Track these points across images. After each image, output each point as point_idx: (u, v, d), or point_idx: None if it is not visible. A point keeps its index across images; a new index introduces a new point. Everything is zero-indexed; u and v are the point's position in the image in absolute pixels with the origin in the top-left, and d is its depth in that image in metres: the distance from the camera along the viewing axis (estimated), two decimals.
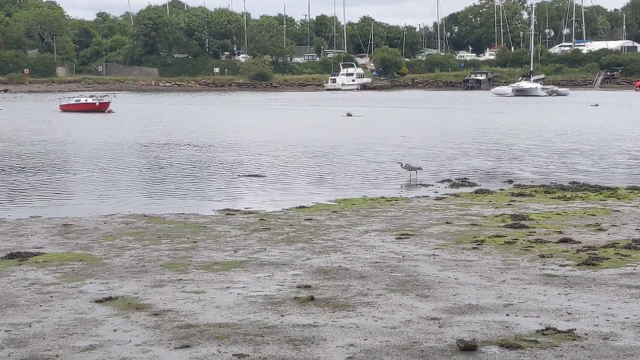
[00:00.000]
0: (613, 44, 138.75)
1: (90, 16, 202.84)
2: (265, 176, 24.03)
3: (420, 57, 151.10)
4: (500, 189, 20.77)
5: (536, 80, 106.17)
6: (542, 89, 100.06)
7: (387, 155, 30.11)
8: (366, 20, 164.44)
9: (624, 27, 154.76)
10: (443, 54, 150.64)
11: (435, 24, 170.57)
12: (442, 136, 39.94)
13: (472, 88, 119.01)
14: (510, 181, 22.68)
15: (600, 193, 19.50)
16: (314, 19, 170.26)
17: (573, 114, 61.27)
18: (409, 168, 23.44)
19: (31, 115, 59.44)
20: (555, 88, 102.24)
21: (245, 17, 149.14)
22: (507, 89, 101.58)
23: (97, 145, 35.02)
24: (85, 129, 45.69)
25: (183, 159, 29.12)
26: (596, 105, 71.50)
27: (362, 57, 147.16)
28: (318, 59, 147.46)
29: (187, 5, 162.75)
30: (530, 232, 13.68)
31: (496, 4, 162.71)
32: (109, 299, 9.18)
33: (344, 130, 44.23)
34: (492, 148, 33.38)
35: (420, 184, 22.08)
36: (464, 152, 31.72)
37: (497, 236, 13.28)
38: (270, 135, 40.23)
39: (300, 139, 38.26)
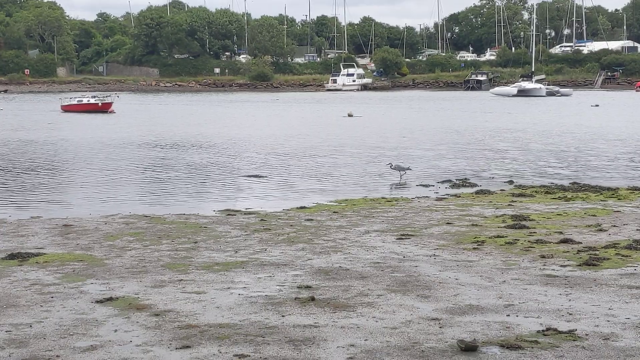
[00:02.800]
0: (614, 45, 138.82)
1: (90, 16, 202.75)
2: (265, 176, 24.04)
3: (420, 57, 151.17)
4: (501, 190, 20.76)
5: (537, 81, 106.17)
6: (546, 89, 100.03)
7: (386, 155, 30.09)
8: (367, 20, 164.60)
9: (625, 27, 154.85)
10: (444, 54, 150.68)
11: (435, 24, 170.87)
12: (442, 136, 39.95)
13: (472, 88, 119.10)
14: (510, 181, 22.67)
15: (601, 193, 19.48)
16: (315, 19, 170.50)
17: (570, 114, 61.24)
18: (399, 169, 23.50)
19: (32, 116, 59.45)
20: (557, 88, 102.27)
21: (245, 18, 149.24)
22: (508, 89, 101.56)
23: (98, 145, 35.02)
24: (86, 129, 45.69)
25: (184, 159, 29.12)
26: (596, 105, 71.57)
27: (362, 57, 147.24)
28: (319, 59, 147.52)
29: (187, 6, 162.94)
30: (530, 233, 13.68)
31: (497, 4, 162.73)
32: (110, 299, 9.18)
33: (345, 130, 44.24)
34: (492, 148, 33.40)
35: (421, 185, 22.07)
36: (463, 151, 31.73)
37: (498, 236, 13.28)
38: (271, 136, 40.24)
39: (301, 139, 38.27)
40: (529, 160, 28.81)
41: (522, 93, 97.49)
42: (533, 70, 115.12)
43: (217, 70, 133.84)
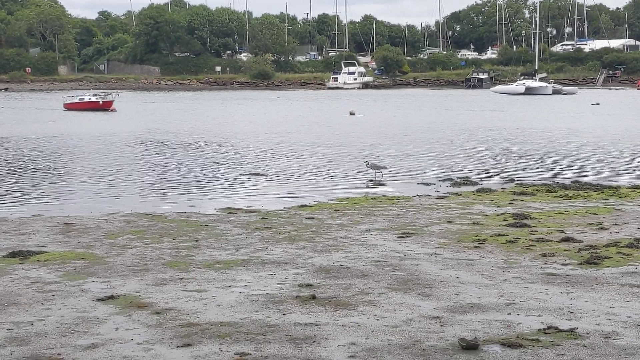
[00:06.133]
0: (615, 43, 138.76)
1: (92, 15, 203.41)
2: (266, 175, 24.04)
3: (422, 55, 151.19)
4: (502, 188, 20.75)
5: (541, 79, 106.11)
6: (552, 87, 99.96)
7: (386, 155, 30.10)
8: (368, 18, 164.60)
9: (626, 25, 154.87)
10: (445, 52, 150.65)
11: (437, 23, 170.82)
12: (443, 135, 39.95)
13: (474, 87, 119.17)
14: (512, 180, 22.66)
15: (602, 192, 19.47)
16: (316, 17, 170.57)
17: (568, 113, 61.24)
18: (375, 167, 23.60)
19: (34, 114, 59.45)
20: (559, 87, 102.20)
21: (246, 16, 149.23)
22: (513, 87, 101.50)
23: (98, 143, 35.03)
24: (86, 127, 45.70)
25: (185, 158, 29.13)
26: (597, 104, 71.62)
27: (363, 55, 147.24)
28: (320, 57, 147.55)
29: (188, 4, 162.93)
30: (532, 231, 13.67)
31: (498, 2, 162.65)
32: (111, 297, 9.18)
33: (347, 129, 44.22)
34: (493, 146, 33.40)
35: (422, 183, 22.06)
36: (464, 151, 31.72)
37: (499, 235, 13.27)
38: (272, 134, 40.23)
39: (302, 137, 38.27)
40: (532, 159, 28.81)
41: (529, 91, 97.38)
42: (536, 68, 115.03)
43: (218, 68, 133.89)
